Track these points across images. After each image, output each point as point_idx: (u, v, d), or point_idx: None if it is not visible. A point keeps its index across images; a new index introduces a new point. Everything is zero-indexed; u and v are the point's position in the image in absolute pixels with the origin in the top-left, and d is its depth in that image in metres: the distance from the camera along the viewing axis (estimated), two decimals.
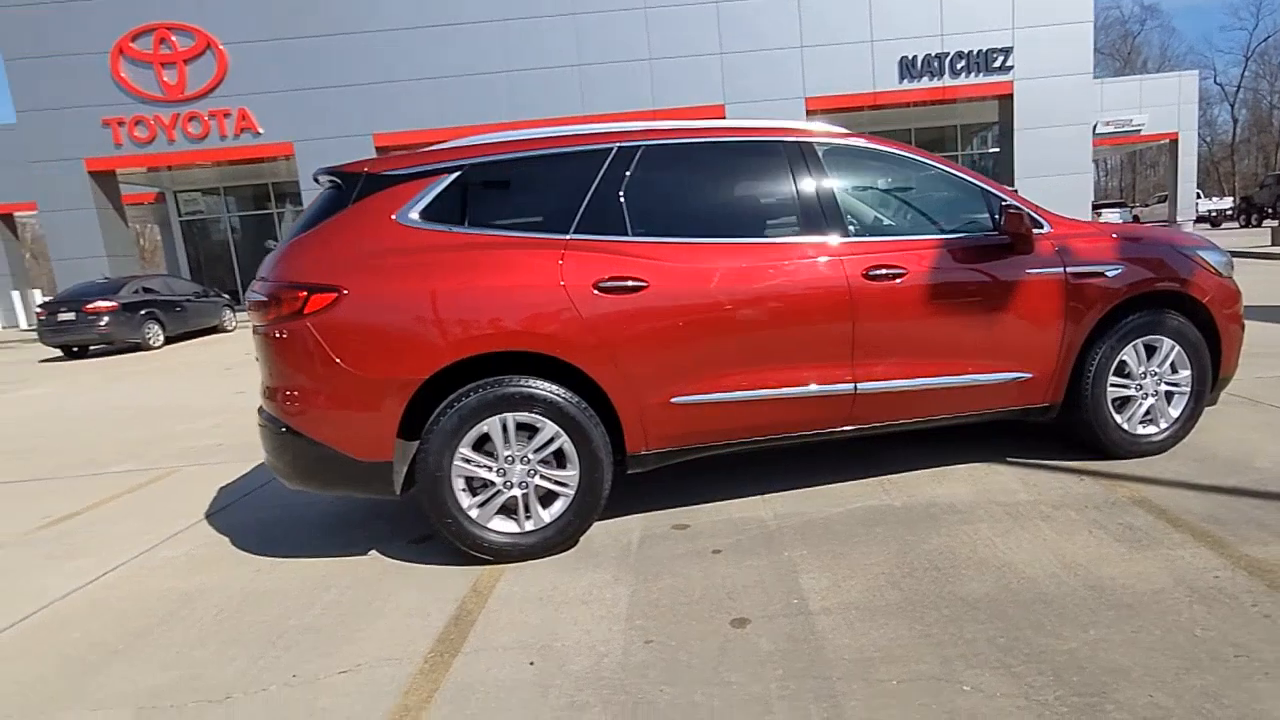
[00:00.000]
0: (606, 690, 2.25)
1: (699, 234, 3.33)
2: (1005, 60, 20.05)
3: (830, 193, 3.44)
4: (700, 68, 19.93)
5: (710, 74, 20.02)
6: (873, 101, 20.21)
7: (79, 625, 3.04)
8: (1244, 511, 3.07)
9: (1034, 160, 20.25)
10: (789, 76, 19.83)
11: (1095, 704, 1.98)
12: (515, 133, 3.46)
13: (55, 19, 20.98)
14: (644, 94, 19.87)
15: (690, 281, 3.23)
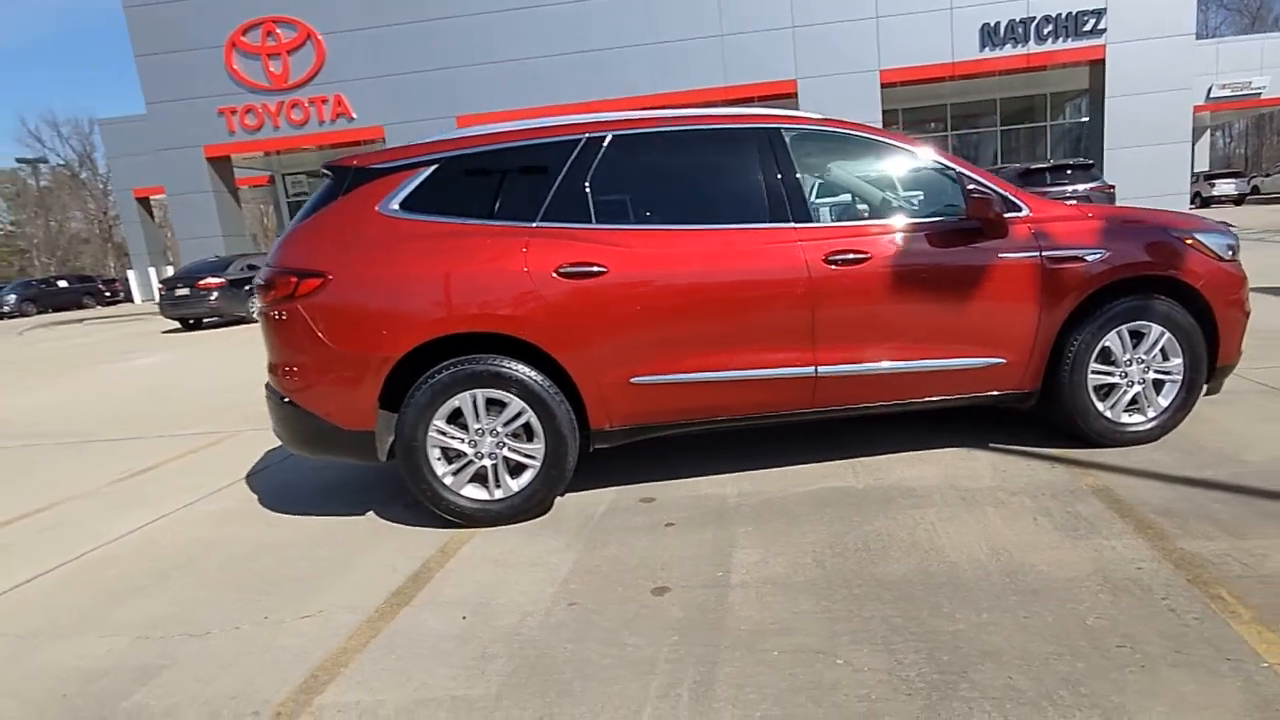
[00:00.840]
0: (517, 644, 2.43)
1: (662, 221, 3.42)
2: (1097, 22, 18.79)
3: (794, 179, 3.45)
4: (772, 43, 19.54)
5: (782, 49, 19.61)
6: (951, 72, 19.35)
7: (119, 564, 3.44)
8: (1203, 505, 2.95)
9: (1126, 129, 18.98)
10: (862, 49, 19.20)
11: (952, 682, 2.01)
12: (496, 126, 3.62)
13: (177, 16, 22.39)
14: (716, 71, 19.66)
15: (649, 267, 3.32)
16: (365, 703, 2.20)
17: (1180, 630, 2.15)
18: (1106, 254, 3.44)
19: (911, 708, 1.93)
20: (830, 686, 2.06)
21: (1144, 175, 18.22)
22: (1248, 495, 2.99)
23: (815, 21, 19.21)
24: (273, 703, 2.24)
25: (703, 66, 19.61)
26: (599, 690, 2.14)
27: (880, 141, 3.64)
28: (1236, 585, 2.35)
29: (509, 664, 2.33)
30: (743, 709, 2.00)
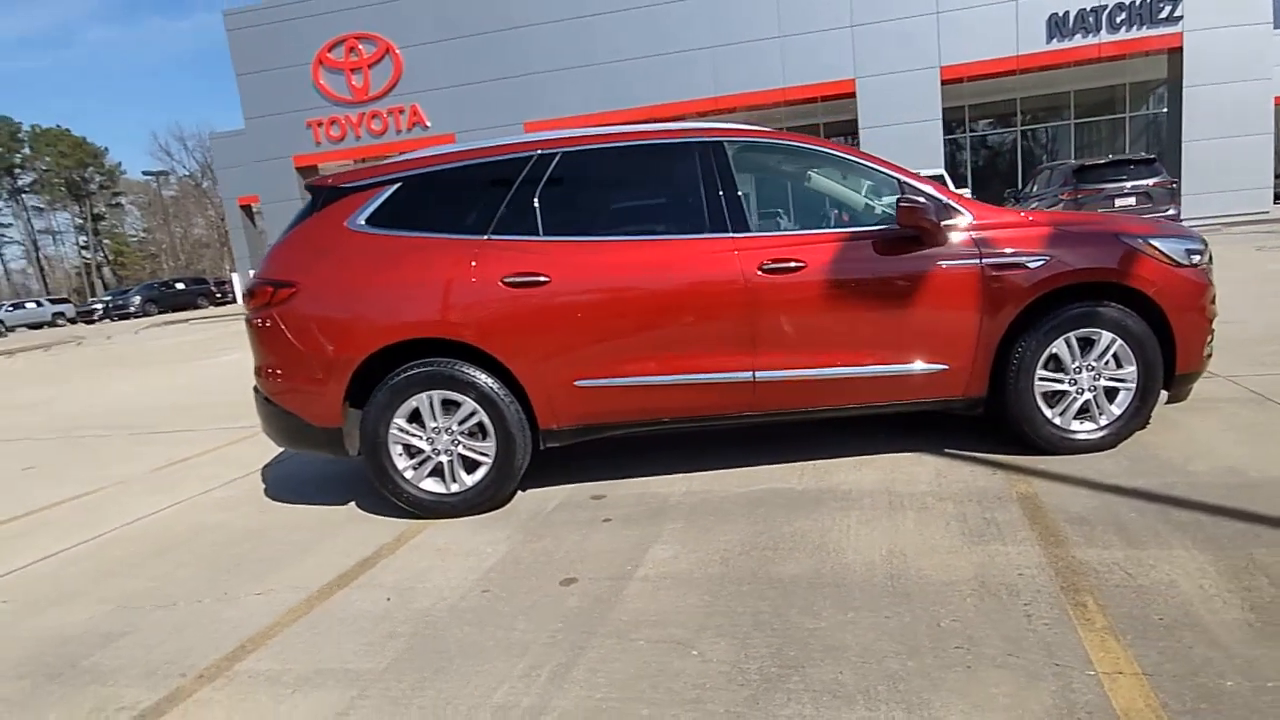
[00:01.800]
0: (422, 625, 2.63)
1: (605, 233, 3.56)
2: (1173, 10, 17.72)
3: (734, 190, 3.53)
4: (830, 42, 19.23)
5: (841, 48, 19.27)
6: (1016, 66, 18.59)
7: (127, 544, 3.83)
8: (1120, 514, 2.89)
9: (1204, 121, 17.82)
10: (923, 45, 18.67)
11: (785, 676, 2.10)
12: (457, 145, 3.84)
13: (272, 37, 23.74)
14: (775, 73, 19.50)
15: (589, 276, 3.47)
16: (273, 671, 2.44)
17: (1024, 635, 2.16)
18: (1049, 260, 3.39)
19: (736, 698, 2.03)
20: (673, 674, 2.17)
21: (1222, 169, 17.12)
22: (1170, 505, 2.91)
23: (874, 19, 18.81)
24: (199, 667, 2.51)
25: (762, 68, 19.49)
26: (471, 668, 2.32)
27: (822, 152, 3.68)
28: (1108, 594, 2.33)
29: (407, 642, 2.53)
30: (587, 690, 2.14)
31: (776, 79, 19.43)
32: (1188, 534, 2.67)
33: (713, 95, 19.66)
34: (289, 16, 23.57)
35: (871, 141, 18.93)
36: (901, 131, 18.56)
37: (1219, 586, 2.30)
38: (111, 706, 2.34)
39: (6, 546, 4.00)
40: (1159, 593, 2.31)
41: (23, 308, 40.42)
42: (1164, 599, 2.27)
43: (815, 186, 3.80)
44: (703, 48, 20.02)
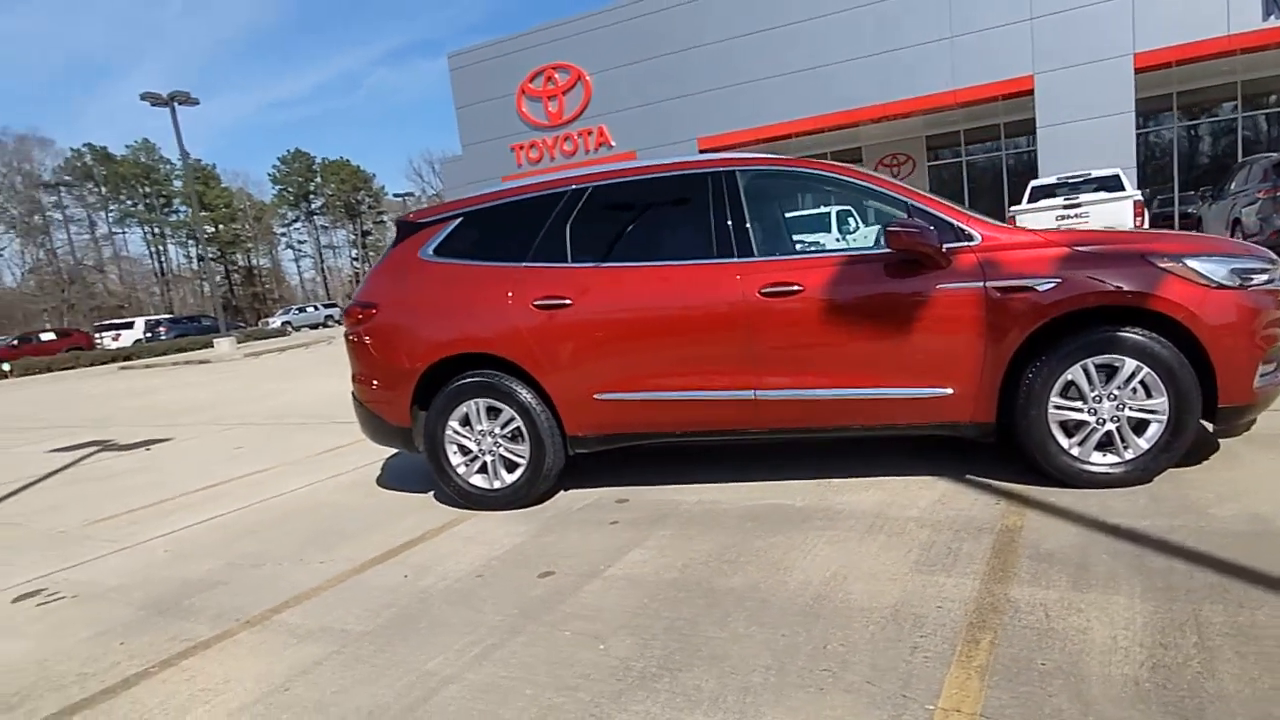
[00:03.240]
0: (414, 600, 3.04)
1: (624, 259, 3.79)
2: None
3: (741, 217, 3.61)
4: (1006, 38, 17.66)
5: (1018, 42, 17.62)
6: (1227, 47, 15.97)
7: (262, 513, 4.63)
8: (1091, 554, 2.67)
9: None
10: (1113, 32, 16.59)
11: (658, 676, 2.25)
12: (511, 183, 4.24)
13: (485, 72, 26.01)
14: (943, 76, 18.30)
15: (605, 299, 3.73)
16: (295, 624, 2.95)
17: (895, 665, 2.14)
18: (1059, 283, 3.15)
19: (606, 690, 2.21)
20: (572, 663, 2.39)
21: None
22: (1153, 550, 2.64)
23: (1057, 9, 17.02)
24: (250, 614, 3.09)
25: (929, 72, 18.38)
26: (427, 639, 2.68)
27: (832, 178, 3.65)
28: (1010, 634, 2.22)
29: (395, 612, 2.94)
30: (497, 668, 2.42)
31: (944, 82, 18.24)
32: (1147, 581, 2.43)
33: (878, 102, 18.87)
34: (498, 54, 25.69)
35: (1051, 140, 17.24)
36: (1086, 128, 16.70)
37: (1134, 640, 2.12)
38: (181, 636, 2.96)
39: (192, 510, 4.96)
40: (1063, 638, 2.17)
41: (304, 311, 47.31)
42: (1063, 645, 2.13)
43: (821, 210, 3.77)
44: (868, 56, 19.24)
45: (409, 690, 2.35)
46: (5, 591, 3.74)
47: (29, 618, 3.36)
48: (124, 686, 2.61)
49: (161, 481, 5.96)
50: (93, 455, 7.79)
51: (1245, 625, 2.12)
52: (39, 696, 2.61)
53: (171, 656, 2.80)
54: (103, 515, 5.07)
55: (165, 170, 68.99)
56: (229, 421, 8.95)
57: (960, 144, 23.06)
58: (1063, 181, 12.15)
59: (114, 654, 2.88)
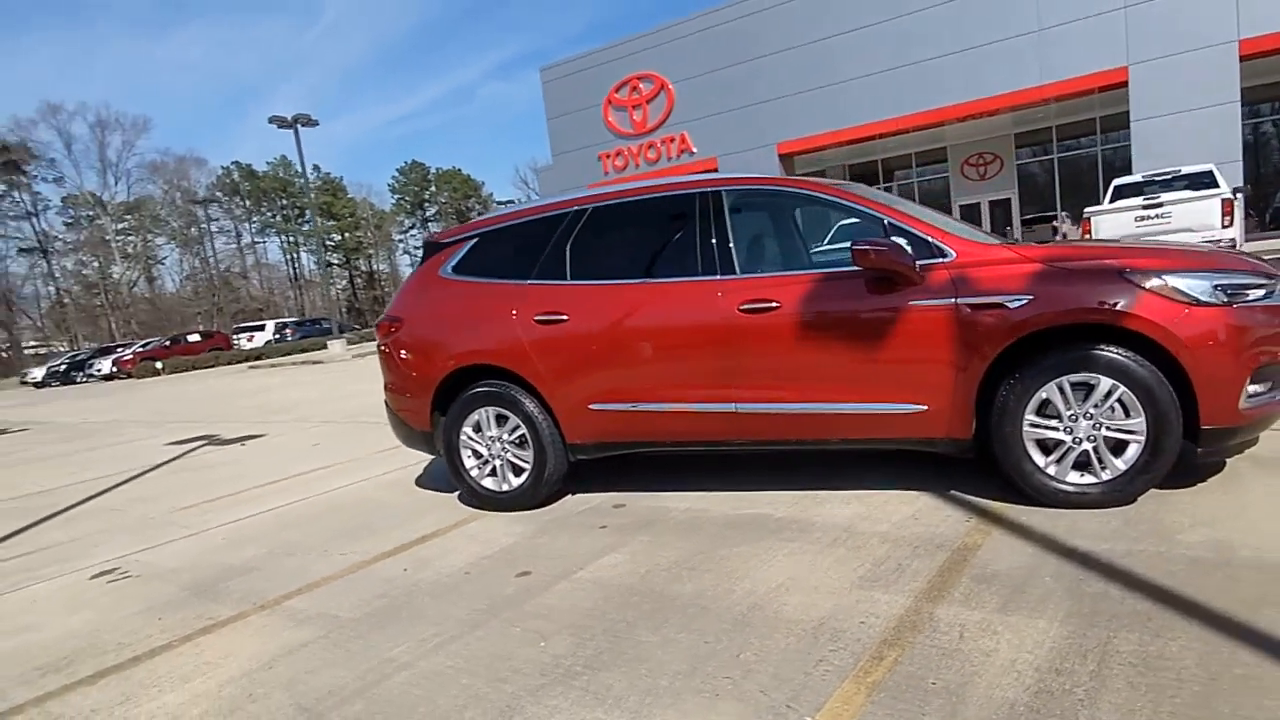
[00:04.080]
0: (404, 592, 3.28)
1: (616, 277, 3.92)
2: None
3: (725, 235, 3.68)
4: (1098, 29, 16.58)
5: (1111, 33, 16.51)
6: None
7: (310, 507, 5.04)
8: (1033, 576, 2.60)
9: None
10: (1216, 17, 15.27)
11: (579, 675, 2.38)
12: (521, 204, 4.45)
13: (574, 85, 26.62)
14: (1030, 71, 17.35)
15: (597, 314, 3.88)
16: (300, 609, 3.25)
17: (794, 676, 2.19)
18: (1031, 300, 3.07)
19: (529, 685, 2.37)
20: (510, 658, 2.56)
21: None
22: (1098, 574, 2.55)
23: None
24: (267, 598, 3.42)
25: (1016, 67, 17.48)
26: (402, 629, 2.91)
27: (814, 195, 3.66)
28: (916, 653, 2.23)
29: (385, 603, 3.20)
30: (446, 659, 2.61)
31: (1032, 77, 17.30)
32: (1076, 605, 2.37)
33: (962, 100, 18.11)
34: (586, 67, 26.28)
35: (1147, 135, 16.06)
36: (1185, 120, 15.46)
37: (1033, 664, 2.09)
38: (206, 615, 3.31)
39: (257, 501, 5.45)
40: (966, 659, 2.16)
41: None
42: (961, 666, 2.13)
43: (801, 228, 3.78)
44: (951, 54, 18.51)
45: (367, 674, 2.58)
46: (88, 569, 4.26)
47: (98, 593, 3.83)
48: (148, 656, 2.96)
49: (242, 474, 6.53)
50: (198, 449, 8.59)
51: (1151, 655, 2.05)
52: (81, 661, 3.00)
53: (193, 633, 3.14)
54: (186, 504, 5.63)
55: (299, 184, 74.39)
56: (316, 419, 9.64)
57: (1051, 140, 21.81)
58: (1150, 179, 11.35)
59: (150, 628, 3.26)
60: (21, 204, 60.68)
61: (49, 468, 8.62)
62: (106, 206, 62.34)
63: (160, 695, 2.62)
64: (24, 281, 62.30)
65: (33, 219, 61.33)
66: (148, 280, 68.21)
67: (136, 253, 65.67)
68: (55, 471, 8.19)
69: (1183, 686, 1.89)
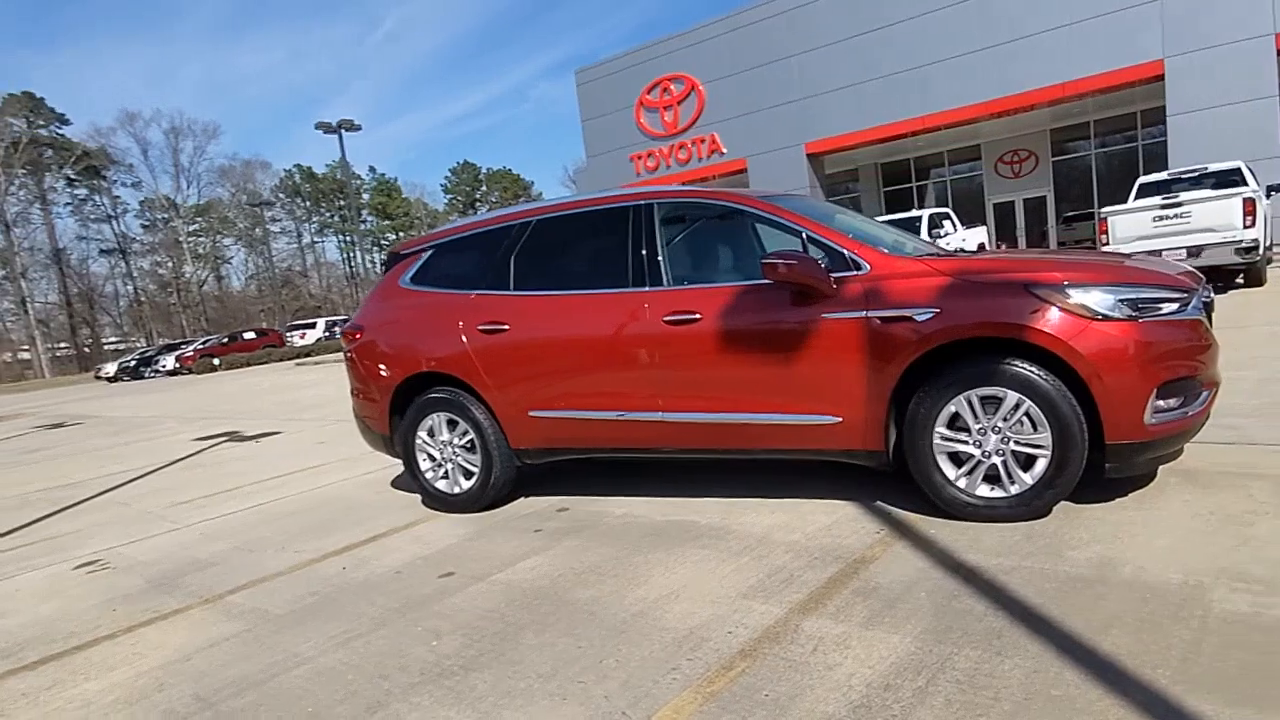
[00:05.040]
0: (333, 590, 3.42)
1: (554, 288, 4.01)
2: None
3: (654, 247, 3.73)
4: (1132, 20, 15.95)
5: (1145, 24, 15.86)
6: None
7: (287, 505, 5.24)
8: (911, 591, 2.60)
9: None
10: (1253, 6, 14.55)
11: (452, 674, 2.48)
12: (474, 217, 4.56)
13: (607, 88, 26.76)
14: (1060, 65, 16.82)
15: (535, 325, 3.97)
16: (239, 603, 3.42)
17: (644, 683, 2.24)
18: (938, 313, 3.05)
19: (406, 682, 2.47)
20: (400, 655, 2.67)
21: None
22: (974, 590, 2.54)
23: None
24: (216, 592, 3.61)
25: (1045, 62, 16.94)
26: (318, 626, 3.04)
27: (736, 208, 3.68)
28: (765, 663, 2.26)
29: (314, 600, 3.34)
30: (345, 654, 2.74)
31: (1061, 72, 16.75)
32: (936, 622, 2.37)
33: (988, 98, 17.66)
34: (619, 69, 26.39)
35: (1184, 130, 15.41)
36: (1222, 115, 14.79)
37: (867, 679, 2.10)
38: (154, 608, 3.51)
39: (247, 497, 5.69)
40: (808, 672, 2.18)
41: None
42: (800, 679, 2.15)
43: (725, 241, 3.79)
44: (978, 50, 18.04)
45: (270, 667, 2.72)
46: (74, 560, 4.53)
47: (74, 583, 4.08)
48: (90, 645, 3.16)
49: (246, 471, 6.82)
50: (219, 445, 8.97)
51: (981, 673, 2.05)
52: (32, 647, 3.22)
53: (137, 624, 3.34)
54: (184, 499, 5.92)
55: (356, 185, 76.80)
56: (333, 418, 9.95)
57: (1090, 136, 21.10)
58: (1176, 177, 10.92)
59: (103, 618, 3.47)
60: (103, 207, 64.25)
61: (84, 461, 9.10)
62: (179, 209, 65.32)
63: (84, 682, 2.81)
64: (105, 281, 65.80)
65: (113, 221, 64.87)
66: (216, 279, 71.16)
67: (206, 253, 68.57)
68: (87, 465, 8.65)
69: (995, 705, 1.89)
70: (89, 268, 64.55)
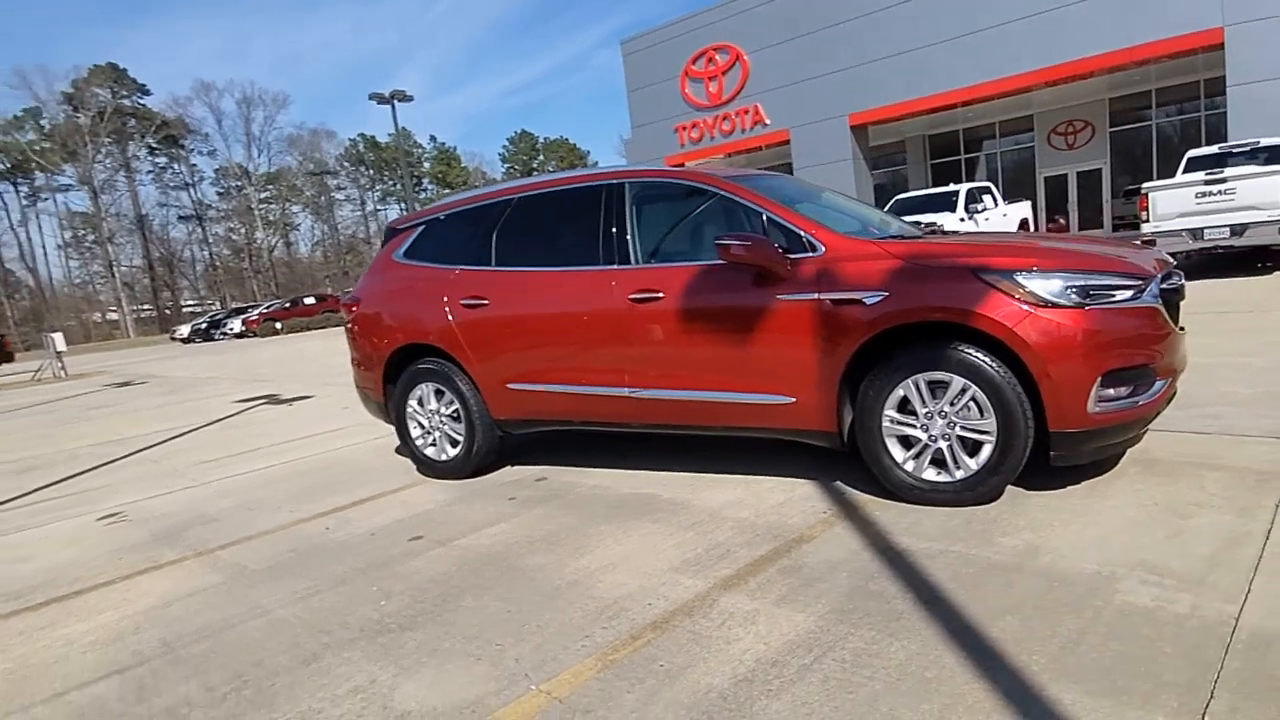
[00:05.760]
0: (310, 549, 3.61)
1: (530, 264, 4.08)
2: None
3: (623, 226, 3.76)
4: None
5: None
6: None
7: (298, 466, 5.48)
8: (836, 573, 2.62)
9: None
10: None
11: (389, 631, 2.62)
12: (463, 193, 4.64)
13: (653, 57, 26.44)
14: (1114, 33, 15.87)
15: (514, 300, 4.05)
16: (225, 559, 3.64)
17: (555, 649, 2.34)
18: (886, 296, 3.01)
19: (343, 636, 2.62)
20: (348, 612, 2.82)
21: None
22: (893, 572, 2.55)
23: None
24: (209, 547, 3.83)
25: (1102, 28, 16.01)
26: (287, 583, 3.22)
27: (703, 188, 3.67)
28: (673, 636, 2.33)
29: (291, 557, 3.54)
30: (303, 609, 2.90)
31: (1116, 39, 15.81)
32: (845, 603, 2.40)
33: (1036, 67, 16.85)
34: (665, 39, 25.95)
35: (1244, 102, 14.45)
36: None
37: (759, 655, 2.15)
38: (153, 558, 3.76)
39: (262, 458, 5.97)
40: (707, 645, 2.25)
41: None
42: (698, 651, 2.22)
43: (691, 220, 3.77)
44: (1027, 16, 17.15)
45: (233, 618, 2.91)
46: (99, 512, 4.85)
47: (93, 533, 4.38)
48: (89, 590, 3.42)
49: (272, 433, 7.14)
50: (256, 407, 9.38)
51: (869, 654, 2.08)
52: (40, 591, 3.49)
53: (134, 573, 3.59)
54: (210, 458, 6.25)
55: (417, 154, 78.36)
56: None
57: (1150, 105, 19.95)
58: (1227, 151, 10.31)
59: (109, 567, 3.73)
60: (181, 175, 67.16)
61: (135, 419, 9.63)
62: (251, 177, 67.58)
63: (74, 624, 3.05)
64: (183, 246, 69.06)
65: (190, 189, 67.85)
66: (285, 245, 73.56)
67: (276, 220, 70.89)
68: (137, 422, 9.16)
69: (867, 685, 1.93)
70: (169, 233, 67.80)
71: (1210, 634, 1.94)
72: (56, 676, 2.60)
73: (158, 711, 2.27)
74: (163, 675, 2.51)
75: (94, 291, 66.48)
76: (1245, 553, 2.35)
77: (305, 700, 2.24)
